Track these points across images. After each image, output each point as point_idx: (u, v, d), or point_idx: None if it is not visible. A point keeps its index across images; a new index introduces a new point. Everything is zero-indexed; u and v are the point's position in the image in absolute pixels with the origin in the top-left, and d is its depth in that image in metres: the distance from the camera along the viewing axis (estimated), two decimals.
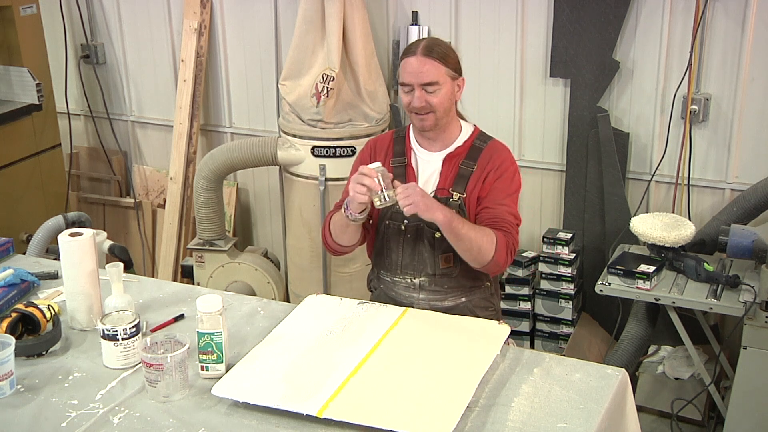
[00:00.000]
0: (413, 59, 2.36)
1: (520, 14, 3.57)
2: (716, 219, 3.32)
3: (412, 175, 2.47)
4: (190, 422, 1.88)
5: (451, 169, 2.44)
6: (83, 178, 4.80)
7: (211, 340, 2.02)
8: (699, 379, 3.34)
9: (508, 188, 2.43)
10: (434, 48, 2.38)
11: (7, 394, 2.00)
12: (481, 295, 2.55)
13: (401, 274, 2.51)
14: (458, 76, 2.43)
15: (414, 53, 2.36)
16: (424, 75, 2.35)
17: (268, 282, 3.90)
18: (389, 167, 2.47)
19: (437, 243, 2.43)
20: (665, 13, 3.34)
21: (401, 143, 2.52)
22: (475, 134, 2.49)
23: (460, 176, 2.42)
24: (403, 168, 2.48)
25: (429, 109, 2.37)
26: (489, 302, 2.58)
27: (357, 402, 1.89)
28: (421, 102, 2.36)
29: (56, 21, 4.47)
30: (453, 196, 2.41)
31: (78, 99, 4.67)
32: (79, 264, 2.25)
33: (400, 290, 2.54)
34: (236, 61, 4.23)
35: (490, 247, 2.33)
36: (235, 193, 4.38)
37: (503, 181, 2.43)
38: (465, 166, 2.43)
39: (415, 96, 2.36)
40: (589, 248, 3.69)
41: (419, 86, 2.35)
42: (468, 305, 2.52)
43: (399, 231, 2.47)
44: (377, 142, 2.58)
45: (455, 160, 2.45)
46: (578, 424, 1.85)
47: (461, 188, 2.42)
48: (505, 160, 2.46)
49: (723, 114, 3.37)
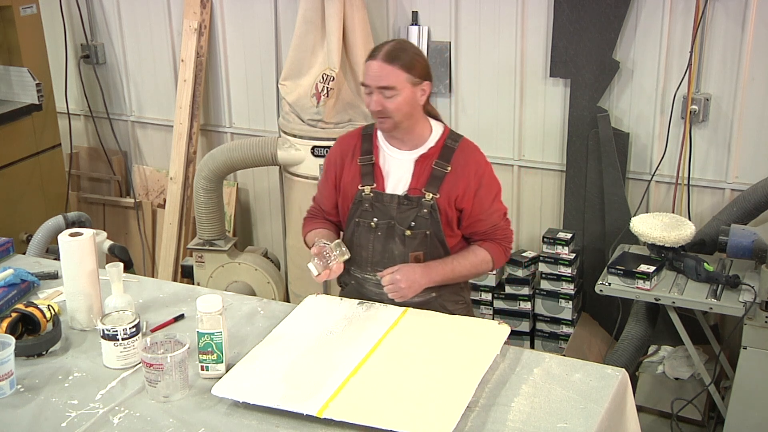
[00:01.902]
0: (375, 63, 2.36)
1: (520, 14, 3.57)
2: (716, 219, 3.32)
3: (379, 174, 2.48)
4: (190, 422, 1.88)
5: (423, 169, 2.46)
6: (83, 178, 4.80)
7: (211, 340, 2.02)
8: (699, 379, 3.34)
9: (490, 193, 2.50)
10: (398, 54, 2.37)
11: (7, 394, 2.00)
12: (451, 289, 2.57)
13: (372, 271, 2.53)
14: (422, 81, 2.42)
15: (375, 57, 2.37)
16: (381, 79, 2.36)
17: (268, 282, 3.90)
18: (357, 165, 2.49)
19: (408, 241, 2.46)
20: (665, 13, 3.34)
21: (369, 141, 2.53)
22: (445, 134, 2.51)
23: (434, 177, 2.44)
24: (370, 167, 2.49)
25: (385, 114, 2.39)
26: (459, 296, 2.61)
27: (357, 402, 1.89)
28: (377, 106, 2.37)
29: (56, 21, 4.47)
30: (425, 196, 2.43)
31: (78, 99, 4.67)
32: (79, 264, 2.25)
33: (371, 287, 2.55)
34: (236, 61, 4.23)
35: (487, 267, 2.53)
36: (235, 193, 4.38)
37: (485, 188, 2.48)
38: (438, 167, 2.45)
39: (373, 99, 2.38)
40: (589, 248, 3.69)
41: (377, 90, 2.37)
42: (438, 300, 2.54)
43: (369, 229, 2.49)
44: (344, 140, 2.60)
45: (428, 160, 2.46)
46: (578, 424, 1.85)
47: (434, 189, 2.43)
48: (479, 164, 2.49)
49: (723, 114, 3.37)
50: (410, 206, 2.44)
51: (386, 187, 2.47)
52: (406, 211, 2.44)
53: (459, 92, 3.79)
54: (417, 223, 2.44)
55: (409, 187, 2.45)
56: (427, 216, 2.43)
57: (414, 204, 2.43)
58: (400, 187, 2.46)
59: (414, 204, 2.43)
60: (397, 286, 2.35)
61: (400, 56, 2.36)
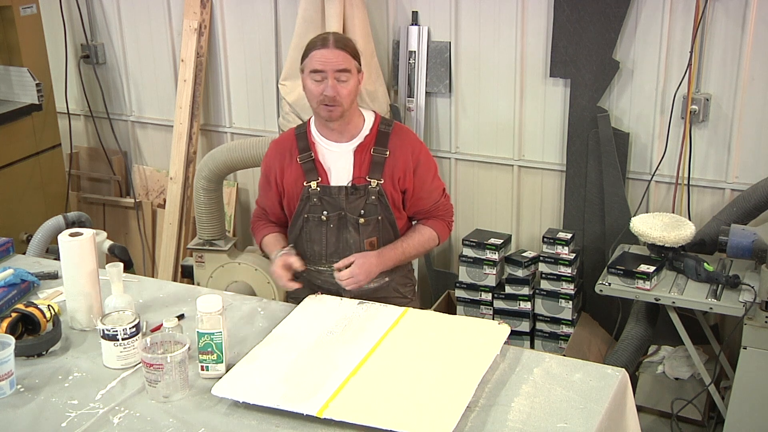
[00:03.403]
0: (327, 50, 2.40)
1: (520, 14, 3.57)
2: (716, 219, 3.32)
3: (321, 168, 2.51)
4: (190, 422, 1.88)
5: (364, 157, 2.50)
6: (83, 178, 4.80)
7: (211, 340, 2.02)
8: (699, 379, 3.34)
9: (429, 172, 2.58)
10: (346, 42, 2.46)
11: (7, 394, 2.00)
12: (401, 272, 2.66)
13: (327, 263, 2.55)
14: (360, 70, 2.49)
15: (326, 45, 2.41)
16: (339, 63, 2.40)
17: (268, 282, 3.90)
18: (297, 164, 2.52)
19: (362, 228, 2.51)
20: (665, 13, 3.34)
21: (304, 139, 2.55)
22: (377, 120, 2.55)
23: (375, 163, 2.49)
24: (311, 163, 2.51)
25: (338, 101, 2.41)
26: (407, 278, 2.71)
27: (357, 402, 1.89)
28: (333, 91, 2.39)
29: (56, 21, 4.47)
30: (371, 183, 2.48)
31: (78, 99, 4.67)
32: (79, 264, 2.25)
33: (326, 278, 2.58)
34: (236, 61, 4.23)
35: (433, 243, 2.64)
36: (235, 193, 4.38)
37: (423, 166, 2.55)
38: (377, 153, 2.50)
39: (329, 85, 2.39)
40: (589, 248, 3.69)
41: (333, 73, 2.39)
42: (391, 284, 2.63)
43: (320, 222, 2.52)
44: (279, 144, 2.62)
45: (366, 148, 2.51)
46: (578, 424, 1.85)
47: (378, 175, 2.49)
48: (414, 144, 2.56)
49: (723, 114, 3.37)
50: (358, 195, 2.49)
51: (330, 180, 2.51)
52: (354, 201, 2.49)
53: (459, 92, 3.79)
54: (366, 211, 2.50)
55: (353, 176, 2.50)
56: (376, 202, 2.49)
57: (361, 192, 2.49)
58: (343, 178, 2.51)
59: (361, 192, 2.49)
60: (356, 279, 2.42)
61: (347, 44, 2.46)
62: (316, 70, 2.41)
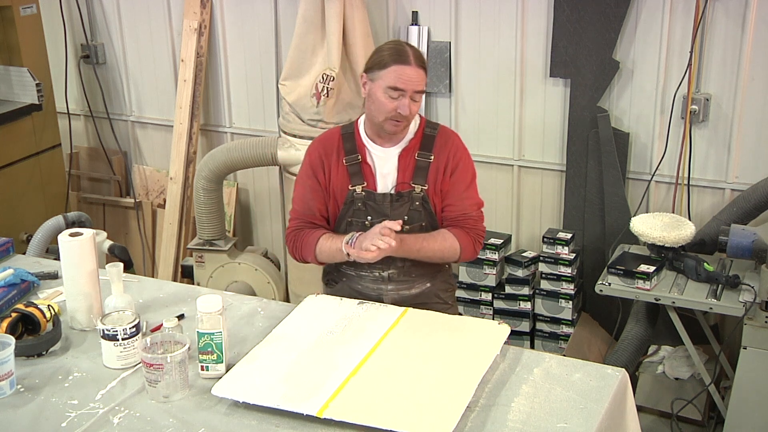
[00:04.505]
0: (410, 68, 2.35)
1: (520, 14, 3.57)
2: (716, 219, 3.32)
3: (369, 172, 2.48)
4: (190, 422, 1.88)
5: (408, 162, 2.47)
6: (83, 178, 4.80)
7: (211, 340, 2.02)
8: (699, 379, 3.34)
9: (465, 178, 2.50)
10: (422, 57, 2.42)
11: (7, 394, 2.00)
12: (442, 278, 2.62)
13: (369, 269, 2.53)
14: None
15: (408, 62, 2.35)
16: (419, 84, 2.37)
17: (268, 282, 3.90)
18: (343, 166, 2.48)
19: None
20: (665, 13, 3.34)
21: (351, 140, 2.51)
22: (423, 124, 2.52)
23: (419, 168, 2.46)
24: (358, 165, 2.48)
25: (408, 118, 2.40)
26: (448, 283, 2.67)
27: (357, 402, 1.89)
28: (408, 110, 2.36)
29: (56, 21, 4.47)
30: (415, 189, 2.45)
31: (78, 99, 4.67)
32: (79, 264, 2.25)
33: (367, 283, 2.56)
34: (236, 61, 4.23)
35: (453, 254, 2.49)
36: (235, 193, 4.38)
37: (460, 172, 2.48)
38: (422, 158, 2.46)
39: (405, 104, 2.35)
40: (589, 248, 3.69)
41: (411, 93, 2.37)
42: (432, 290, 2.59)
43: (363, 227, 2.48)
44: (324, 142, 2.55)
45: (411, 152, 2.47)
46: (578, 424, 1.85)
47: (422, 180, 2.46)
48: (457, 148, 2.50)
49: (723, 114, 3.37)
50: (402, 202, 2.46)
51: (377, 185, 2.48)
52: (398, 207, 2.46)
53: (459, 92, 3.79)
54: (410, 217, 2.46)
55: (397, 181, 2.47)
56: (420, 209, 2.46)
57: (406, 199, 2.46)
58: (388, 183, 2.48)
59: (406, 199, 2.46)
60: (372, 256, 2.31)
61: (423, 59, 2.40)
62: (396, 87, 2.35)
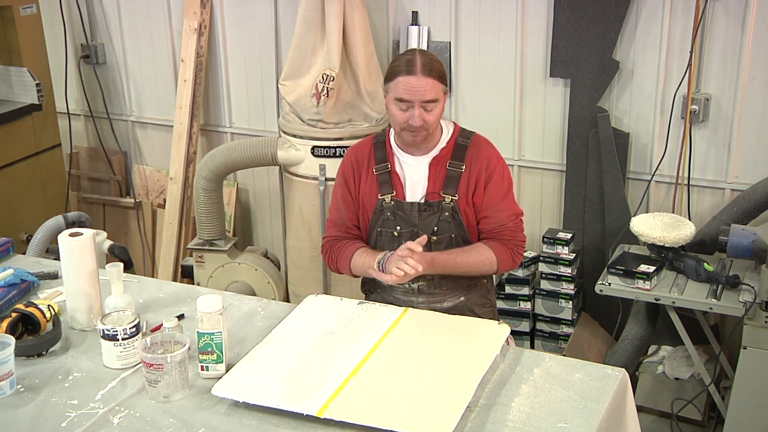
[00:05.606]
0: (414, 78, 2.29)
1: (520, 14, 3.57)
2: (716, 219, 3.32)
3: (398, 181, 2.46)
4: (190, 422, 1.88)
5: (439, 172, 2.43)
6: (83, 178, 4.80)
7: (211, 340, 2.02)
8: (699, 379, 3.34)
9: (500, 189, 2.44)
10: (433, 65, 2.33)
11: (7, 394, 2.00)
12: (478, 293, 2.56)
13: None
14: (447, 88, 2.40)
15: (414, 72, 2.29)
16: (426, 93, 2.30)
17: (268, 282, 3.90)
18: (373, 175, 2.46)
19: (434, 247, 2.43)
20: (665, 13, 3.34)
21: (382, 149, 2.48)
22: (456, 132, 2.47)
23: (450, 178, 2.41)
24: (387, 174, 2.46)
25: (424, 127, 2.34)
26: (486, 299, 2.59)
27: (357, 402, 1.89)
28: (420, 121, 2.31)
29: (56, 21, 4.47)
30: (445, 199, 2.41)
31: (78, 99, 4.67)
32: (79, 264, 2.25)
33: (398, 295, 2.53)
34: (236, 61, 4.23)
35: (490, 267, 2.45)
36: (235, 193, 4.38)
37: (495, 182, 2.43)
38: (453, 168, 2.41)
39: (415, 115, 2.30)
40: (589, 248, 3.69)
41: (419, 103, 2.31)
42: (467, 304, 2.53)
43: (392, 237, 2.46)
44: (357, 151, 2.54)
45: (442, 162, 2.43)
46: (578, 424, 1.85)
47: (452, 190, 2.41)
48: (491, 158, 2.44)
49: (723, 114, 3.37)
50: (431, 212, 2.42)
51: (405, 194, 2.44)
52: (427, 217, 2.42)
53: (459, 92, 3.79)
54: (440, 228, 2.42)
55: (427, 191, 2.42)
56: (449, 219, 2.41)
57: (435, 209, 2.41)
58: (418, 193, 2.44)
59: (435, 209, 2.41)
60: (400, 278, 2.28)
61: (434, 67, 2.32)
62: (402, 99, 2.30)
